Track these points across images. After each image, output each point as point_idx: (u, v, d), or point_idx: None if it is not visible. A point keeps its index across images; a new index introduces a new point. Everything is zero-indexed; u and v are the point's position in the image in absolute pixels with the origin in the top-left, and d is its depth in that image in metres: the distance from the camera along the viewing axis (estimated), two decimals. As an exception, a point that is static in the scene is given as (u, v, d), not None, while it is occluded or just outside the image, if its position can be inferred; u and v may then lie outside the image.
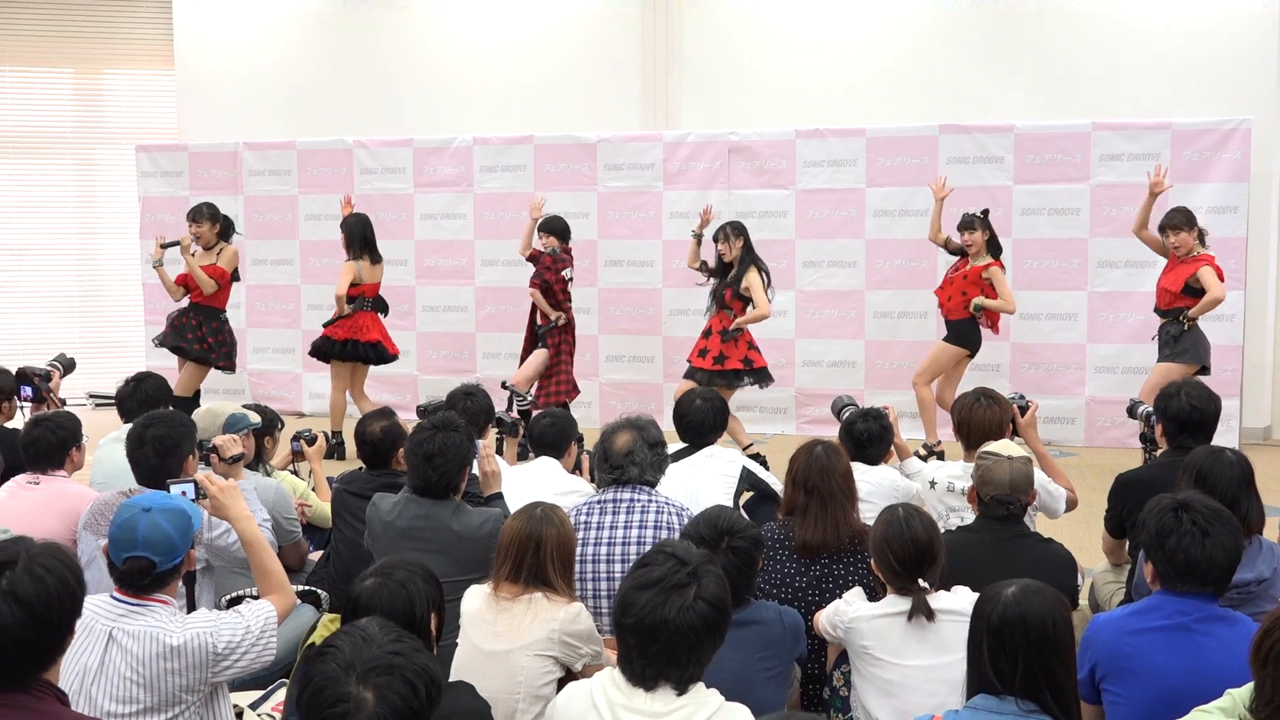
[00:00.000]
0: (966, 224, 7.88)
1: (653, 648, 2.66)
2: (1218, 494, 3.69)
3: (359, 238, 8.44)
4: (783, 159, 9.45)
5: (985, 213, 7.94)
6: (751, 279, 7.69)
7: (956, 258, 8.08)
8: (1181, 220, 7.49)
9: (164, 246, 8.19)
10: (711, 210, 8.18)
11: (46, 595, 2.53)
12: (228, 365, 8.38)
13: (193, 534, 3.22)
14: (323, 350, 8.54)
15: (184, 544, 3.17)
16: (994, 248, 7.90)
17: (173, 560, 3.14)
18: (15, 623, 2.48)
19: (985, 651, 2.85)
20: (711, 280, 8.00)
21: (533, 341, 8.59)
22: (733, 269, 7.81)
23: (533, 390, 8.37)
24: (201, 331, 8.20)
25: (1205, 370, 7.40)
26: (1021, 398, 5.32)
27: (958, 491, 4.72)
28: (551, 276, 8.31)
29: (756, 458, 7.04)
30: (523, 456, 6.23)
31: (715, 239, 7.88)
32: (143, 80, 12.09)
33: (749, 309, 7.73)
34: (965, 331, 7.97)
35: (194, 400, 8.11)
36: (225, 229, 8.38)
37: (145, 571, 3.11)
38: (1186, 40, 9.28)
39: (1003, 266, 7.88)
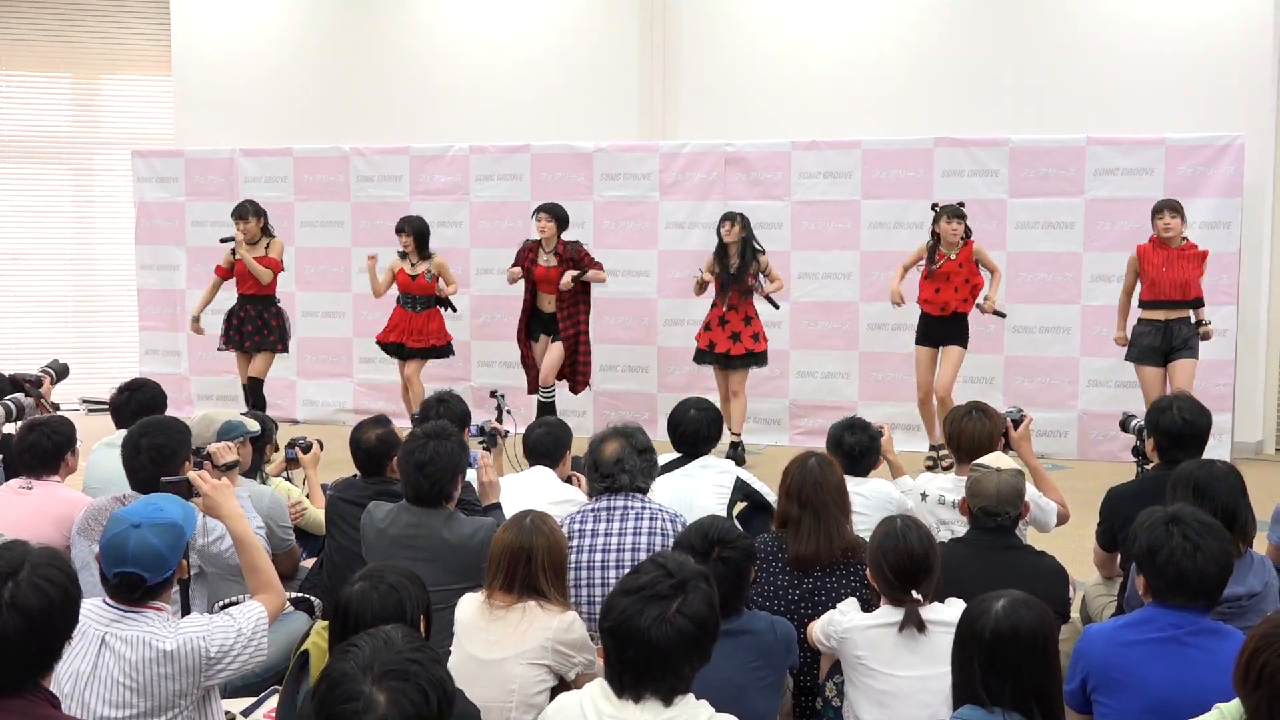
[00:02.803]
0: (957, 213, 7.98)
1: (627, 654, 2.66)
2: (1217, 505, 3.70)
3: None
4: (778, 170, 9.47)
5: (961, 205, 8.14)
6: (763, 259, 8.43)
7: (924, 262, 8.16)
8: (1180, 206, 7.76)
9: (223, 241, 8.88)
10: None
11: (48, 606, 2.54)
12: (284, 348, 9.04)
13: (184, 546, 3.22)
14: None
15: (174, 558, 3.17)
16: (966, 232, 8.10)
17: (163, 574, 3.15)
18: (16, 634, 2.49)
19: (976, 665, 2.86)
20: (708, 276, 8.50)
21: (530, 334, 8.82)
22: (730, 256, 8.38)
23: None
24: (263, 319, 8.81)
25: None
26: (1018, 411, 5.34)
27: (948, 504, 4.72)
28: (589, 261, 8.70)
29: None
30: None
31: (722, 221, 8.42)
32: (140, 86, 12.10)
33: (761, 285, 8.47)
34: (966, 325, 8.18)
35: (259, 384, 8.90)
36: (266, 222, 8.93)
37: (135, 586, 3.12)
38: (1181, 56, 9.32)
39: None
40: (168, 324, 10.80)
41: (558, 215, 8.62)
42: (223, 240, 8.89)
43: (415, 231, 8.78)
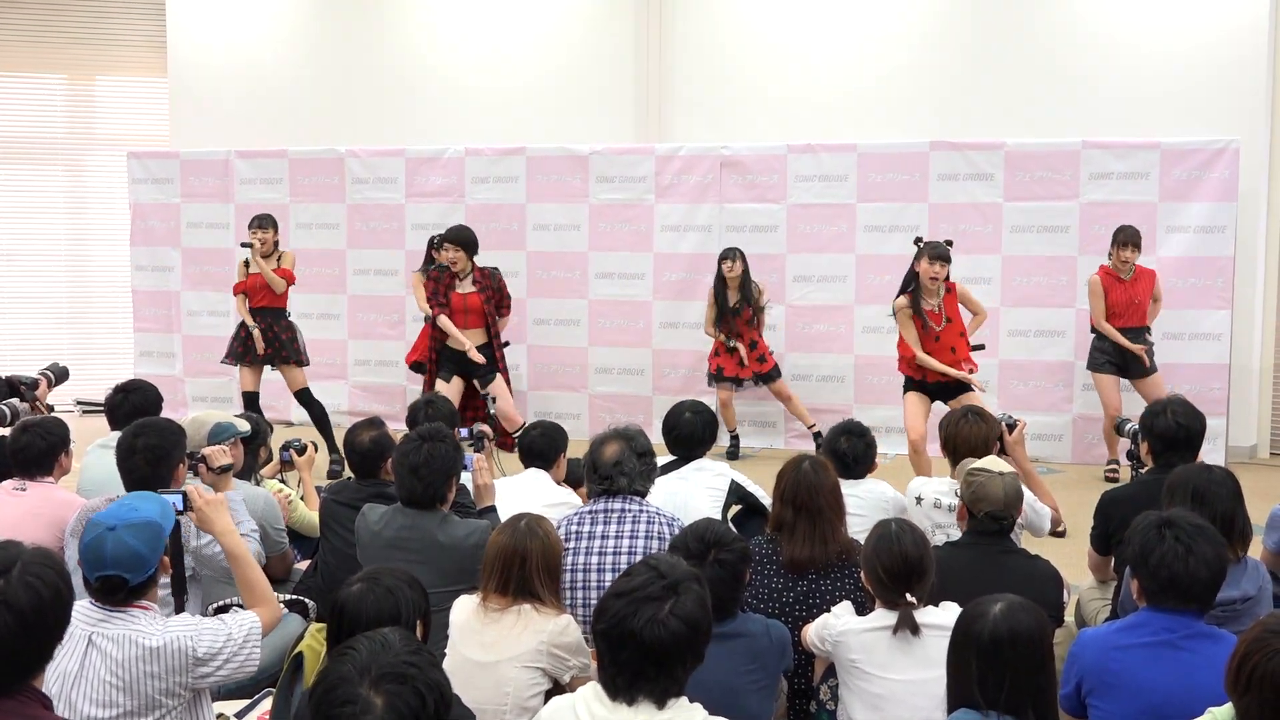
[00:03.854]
0: (943, 256, 7.14)
1: (620, 656, 2.65)
2: (1215, 512, 3.72)
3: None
4: (774, 173, 9.48)
5: (949, 244, 7.37)
6: (758, 288, 8.92)
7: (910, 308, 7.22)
8: (1138, 239, 8.09)
9: (244, 245, 8.71)
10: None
11: (40, 604, 2.54)
12: (299, 361, 8.81)
13: (163, 543, 3.22)
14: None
15: (154, 556, 3.17)
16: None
17: (145, 573, 3.15)
18: (8, 632, 2.49)
19: (974, 668, 2.86)
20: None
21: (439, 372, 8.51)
22: (729, 289, 8.85)
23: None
24: (273, 331, 8.64)
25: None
26: (1009, 417, 5.34)
27: (944, 508, 4.72)
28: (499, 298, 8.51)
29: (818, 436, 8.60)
30: None
31: (723, 258, 8.83)
32: (135, 87, 12.09)
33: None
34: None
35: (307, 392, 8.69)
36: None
37: (118, 588, 3.12)
38: (1177, 60, 9.34)
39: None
40: (162, 325, 10.79)
41: (463, 242, 8.36)
42: (243, 244, 8.75)
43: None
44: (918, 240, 7.53)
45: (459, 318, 8.38)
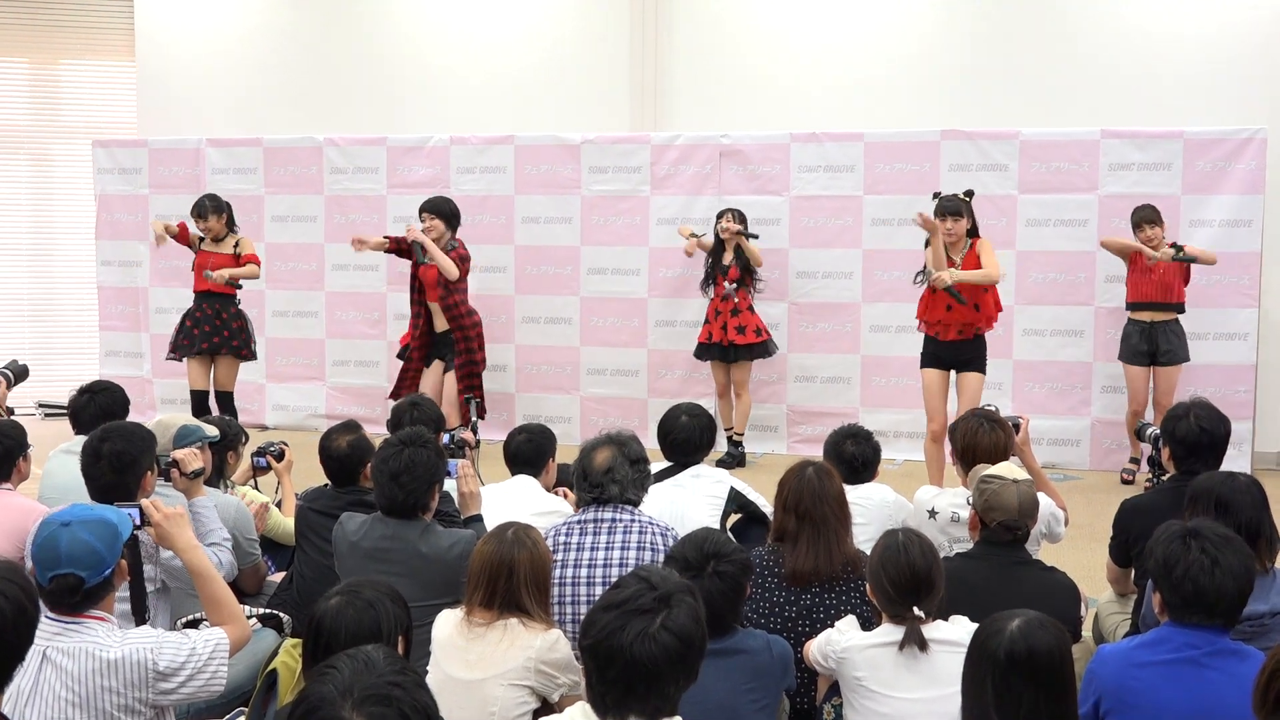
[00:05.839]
0: (950, 209, 7.16)
1: (608, 673, 2.63)
2: (1240, 520, 3.72)
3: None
4: (776, 163, 9.47)
5: (969, 194, 7.39)
6: (750, 249, 8.74)
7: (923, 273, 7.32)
8: (1158, 215, 8.19)
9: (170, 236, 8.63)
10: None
11: (3, 624, 2.52)
12: (249, 354, 8.79)
13: (120, 545, 3.20)
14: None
15: (112, 555, 3.15)
16: (973, 233, 7.30)
17: (101, 573, 3.13)
18: None
19: (989, 687, 2.85)
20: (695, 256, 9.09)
21: (422, 354, 8.50)
22: (725, 249, 8.83)
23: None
24: (222, 319, 8.60)
25: None
26: (1014, 418, 5.35)
27: (963, 522, 4.67)
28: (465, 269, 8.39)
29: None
30: None
31: (720, 216, 8.87)
32: (102, 72, 12.06)
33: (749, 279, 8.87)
34: (983, 346, 7.42)
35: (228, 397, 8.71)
36: (230, 216, 8.75)
37: (74, 589, 3.09)
38: (1200, 46, 9.35)
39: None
40: (129, 323, 10.76)
41: (443, 212, 8.36)
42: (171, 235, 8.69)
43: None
44: (936, 195, 7.51)
45: (431, 291, 8.39)
